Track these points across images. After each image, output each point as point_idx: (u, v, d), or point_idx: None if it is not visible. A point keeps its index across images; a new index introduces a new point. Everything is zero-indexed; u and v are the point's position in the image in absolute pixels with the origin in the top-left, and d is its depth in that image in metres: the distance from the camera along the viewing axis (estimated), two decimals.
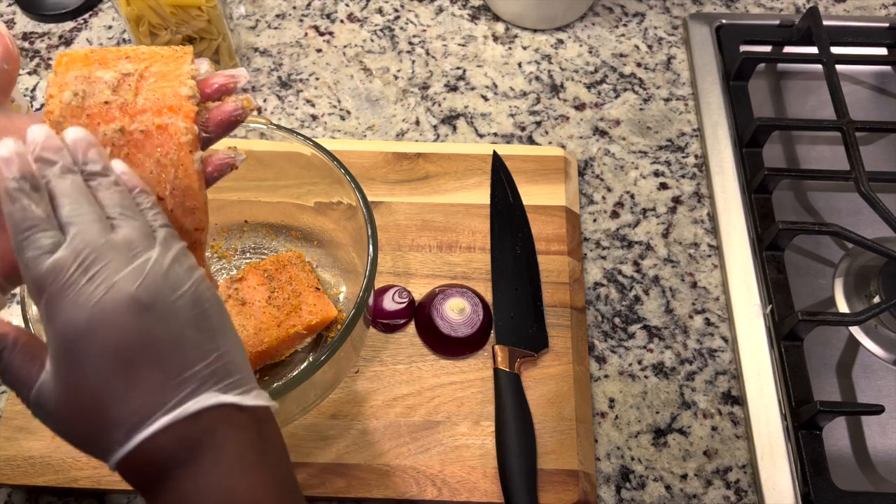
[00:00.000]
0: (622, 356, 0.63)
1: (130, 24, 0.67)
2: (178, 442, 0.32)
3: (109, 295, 0.31)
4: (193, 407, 0.32)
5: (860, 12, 0.85)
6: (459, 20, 0.83)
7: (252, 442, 0.34)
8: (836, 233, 0.63)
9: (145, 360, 0.31)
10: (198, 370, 0.32)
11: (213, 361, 0.33)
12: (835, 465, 0.57)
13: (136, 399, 0.31)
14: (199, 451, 0.32)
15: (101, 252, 0.32)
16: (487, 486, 0.55)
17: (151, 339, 0.32)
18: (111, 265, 0.31)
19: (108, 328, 0.31)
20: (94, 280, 0.31)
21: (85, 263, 0.31)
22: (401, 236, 0.66)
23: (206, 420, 0.32)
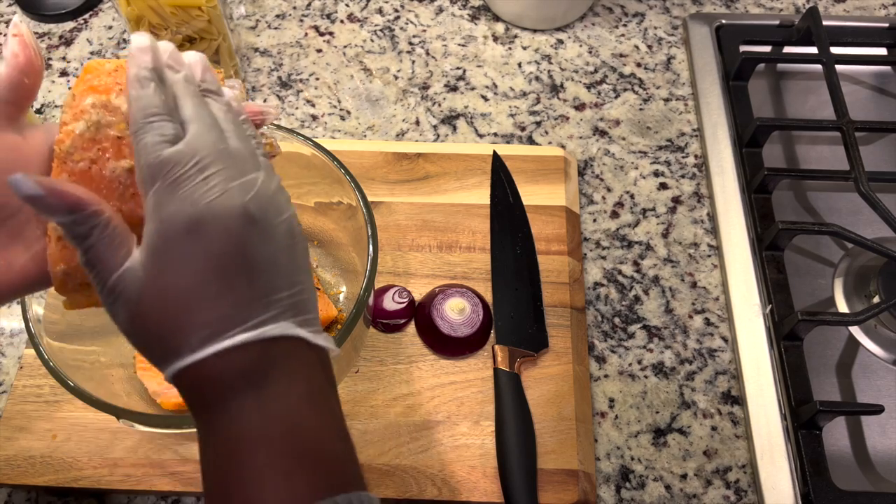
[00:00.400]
0: (622, 356, 0.63)
1: (131, 24, 0.67)
2: (251, 362, 0.31)
3: (222, 199, 0.31)
4: (273, 331, 0.32)
5: (860, 12, 0.85)
6: (459, 20, 0.83)
7: (319, 383, 0.34)
8: (835, 233, 0.63)
9: (241, 272, 0.31)
10: (283, 297, 0.32)
11: (297, 293, 0.33)
12: (835, 465, 0.57)
13: (221, 308, 0.31)
14: (269, 378, 0.32)
15: (217, 157, 0.32)
16: (487, 486, 0.55)
17: (251, 252, 0.32)
18: (225, 172, 0.32)
19: (215, 230, 0.31)
20: (208, 181, 0.31)
21: (202, 163, 0.31)
22: (401, 236, 0.66)
23: (280, 348, 0.32)
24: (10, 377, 0.61)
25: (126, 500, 0.56)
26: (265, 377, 0.31)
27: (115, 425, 0.56)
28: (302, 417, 0.32)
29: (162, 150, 0.31)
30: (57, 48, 0.80)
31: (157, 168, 0.31)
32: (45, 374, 0.58)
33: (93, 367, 0.51)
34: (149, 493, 0.56)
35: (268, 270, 0.32)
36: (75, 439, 0.56)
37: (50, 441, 0.56)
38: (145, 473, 0.55)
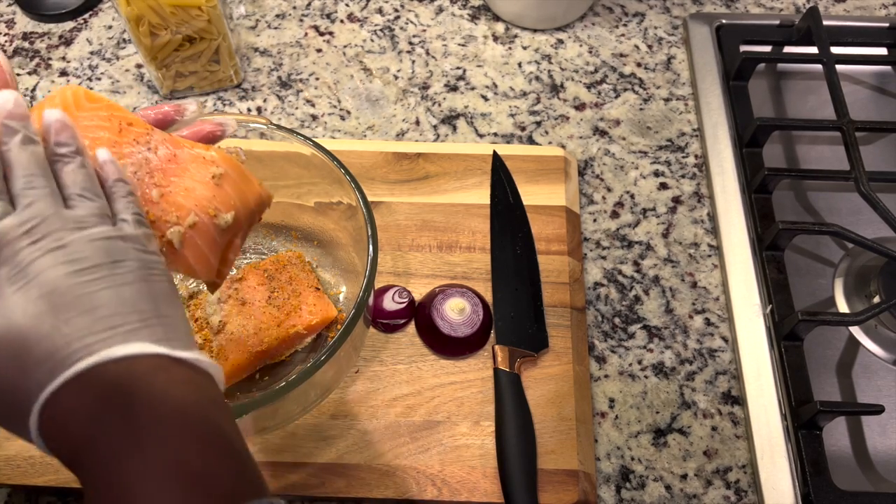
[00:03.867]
0: (622, 356, 0.63)
1: (130, 24, 0.67)
2: (108, 387, 0.30)
3: (48, 255, 0.31)
4: (121, 351, 0.30)
5: (860, 12, 0.85)
6: (459, 20, 0.83)
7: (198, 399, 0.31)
8: (836, 233, 0.63)
9: (74, 308, 0.31)
10: (131, 321, 0.32)
11: (151, 318, 0.32)
12: (835, 465, 0.57)
13: (60, 339, 0.30)
14: (135, 400, 0.30)
15: (48, 221, 0.32)
16: (487, 486, 0.55)
17: (82, 291, 0.31)
18: (57, 231, 0.32)
19: (40, 279, 0.31)
20: (37, 243, 0.32)
21: (32, 230, 0.32)
22: (401, 236, 0.66)
23: (141, 368, 0.31)
24: None
25: None
26: (129, 396, 0.30)
27: None
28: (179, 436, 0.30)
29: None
30: (57, 48, 0.80)
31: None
32: None
33: None
34: None
35: (107, 303, 0.31)
36: None
37: None
38: None
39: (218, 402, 0.33)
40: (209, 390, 0.33)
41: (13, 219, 0.32)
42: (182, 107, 0.44)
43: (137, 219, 0.36)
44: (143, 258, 0.34)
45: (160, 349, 0.31)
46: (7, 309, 0.31)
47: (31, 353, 0.30)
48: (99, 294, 0.31)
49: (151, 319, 0.32)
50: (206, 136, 0.45)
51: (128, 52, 0.80)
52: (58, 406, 0.30)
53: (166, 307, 0.33)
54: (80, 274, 0.31)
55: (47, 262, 0.31)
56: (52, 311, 0.31)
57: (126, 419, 0.29)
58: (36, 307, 0.31)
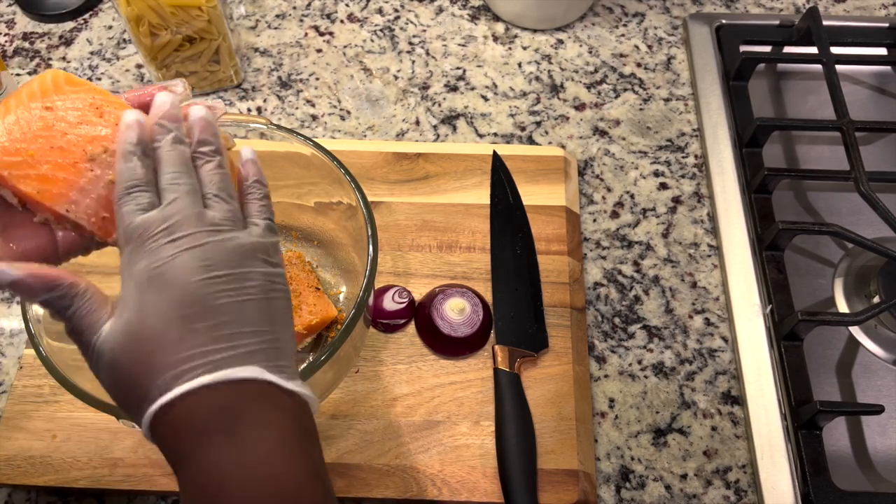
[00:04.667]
0: (622, 356, 0.63)
1: (130, 24, 0.67)
2: (219, 406, 0.32)
3: (185, 254, 0.33)
4: (240, 373, 0.32)
5: (860, 12, 0.85)
6: (459, 20, 0.83)
7: (295, 429, 0.34)
8: (835, 233, 0.63)
9: (202, 318, 0.33)
10: (249, 342, 0.33)
11: (268, 341, 0.34)
12: (835, 465, 0.57)
13: (185, 350, 0.32)
14: (241, 424, 0.32)
15: (187, 221, 0.34)
16: (487, 486, 0.55)
17: (212, 301, 0.33)
18: (194, 233, 0.34)
19: (176, 281, 0.33)
20: (175, 242, 0.33)
21: (172, 227, 0.34)
22: (401, 236, 0.66)
23: (250, 392, 0.33)
24: (10, 377, 0.61)
25: (126, 501, 0.56)
26: (235, 422, 0.32)
27: (115, 425, 0.56)
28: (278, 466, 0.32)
29: (136, 216, 0.34)
30: (57, 48, 0.80)
31: (131, 232, 0.34)
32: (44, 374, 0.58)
33: None
34: (149, 494, 0.56)
35: (232, 317, 0.33)
36: (75, 439, 0.56)
37: (50, 441, 0.56)
38: (145, 473, 0.55)
39: (310, 431, 0.35)
40: (304, 420, 0.35)
41: (158, 213, 0.34)
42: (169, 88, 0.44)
43: (269, 225, 0.37)
44: (269, 272, 0.36)
45: (271, 377, 0.33)
46: (143, 305, 0.33)
47: (158, 355, 0.32)
48: (226, 307, 0.33)
49: (268, 341, 0.34)
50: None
51: (128, 53, 0.80)
52: (172, 412, 0.32)
53: (281, 327, 0.35)
54: (211, 282, 0.33)
55: (185, 262, 0.33)
56: (182, 319, 0.32)
57: (230, 440, 0.32)
58: (169, 311, 0.33)
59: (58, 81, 0.39)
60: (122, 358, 0.33)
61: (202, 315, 0.33)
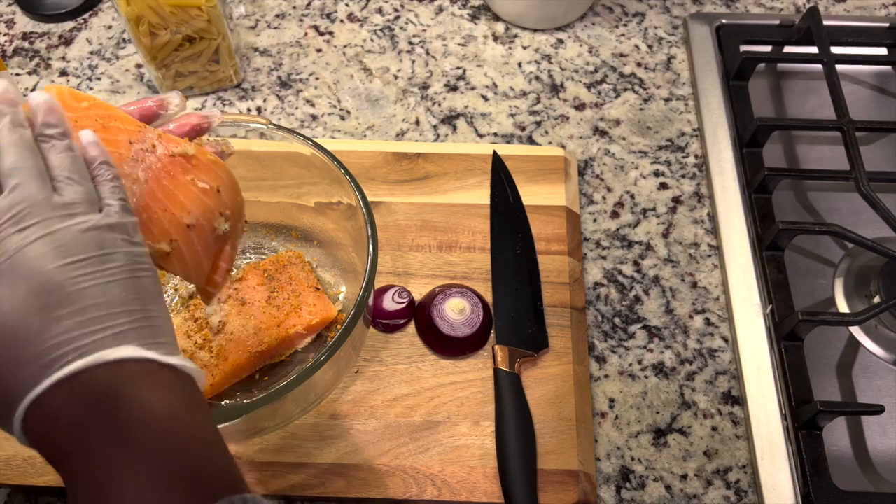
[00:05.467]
0: (622, 356, 0.63)
1: (130, 23, 0.67)
2: (96, 391, 0.30)
3: (36, 243, 0.31)
4: (114, 354, 0.30)
5: (860, 12, 0.84)
6: (459, 20, 0.83)
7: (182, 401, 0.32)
8: (836, 233, 0.63)
9: (64, 304, 0.31)
10: (120, 322, 0.32)
11: (139, 319, 0.32)
12: (835, 466, 0.57)
13: (49, 339, 0.30)
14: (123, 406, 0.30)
15: (36, 207, 0.32)
16: (487, 487, 0.55)
17: (73, 287, 0.31)
18: (44, 220, 0.32)
19: (29, 271, 0.31)
20: (24, 231, 0.31)
21: (19, 215, 0.32)
22: (401, 236, 0.66)
23: (128, 372, 0.31)
24: None
25: None
26: (116, 402, 0.30)
27: None
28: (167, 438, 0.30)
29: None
30: (56, 48, 0.80)
31: None
32: None
33: None
34: None
35: (96, 300, 0.31)
36: None
37: None
38: None
39: (199, 404, 0.33)
40: (190, 392, 0.33)
41: (3, 202, 0.32)
42: (165, 101, 0.43)
43: (123, 205, 0.35)
44: (131, 251, 0.34)
45: (148, 354, 0.32)
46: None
47: (19, 350, 0.30)
48: (89, 290, 0.31)
49: (140, 320, 0.32)
50: (191, 130, 0.44)
51: (128, 52, 0.80)
52: (44, 407, 0.30)
53: (153, 305, 0.34)
54: (69, 267, 0.31)
55: (36, 251, 0.31)
56: (41, 308, 0.30)
57: (112, 425, 0.30)
58: (25, 302, 0.30)
59: (63, 97, 0.39)
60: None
61: (64, 301, 0.31)
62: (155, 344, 0.32)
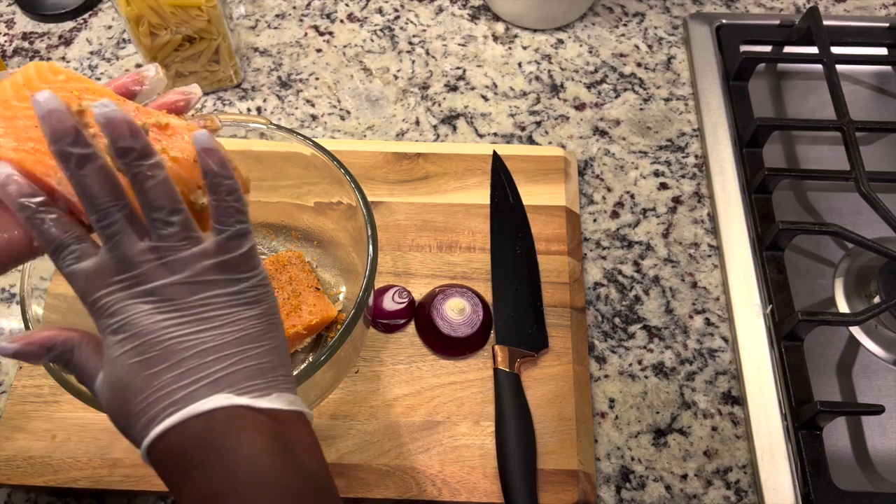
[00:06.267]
0: (622, 356, 0.62)
1: (130, 23, 0.67)
2: (190, 441, 0.32)
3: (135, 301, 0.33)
4: (205, 405, 0.32)
5: (860, 12, 0.84)
6: (459, 20, 0.83)
7: (268, 445, 0.32)
8: (836, 233, 0.63)
9: (162, 360, 0.33)
10: (213, 371, 0.33)
11: (233, 364, 0.33)
12: (835, 466, 0.57)
13: (151, 395, 0.32)
14: (211, 453, 0.32)
15: (132, 263, 0.33)
16: (487, 487, 0.55)
17: (170, 341, 0.33)
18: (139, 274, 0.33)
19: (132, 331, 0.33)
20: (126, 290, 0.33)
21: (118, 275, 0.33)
22: (401, 236, 0.66)
23: (217, 421, 0.32)
24: (10, 377, 0.61)
25: (125, 501, 0.56)
26: (206, 453, 0.32)
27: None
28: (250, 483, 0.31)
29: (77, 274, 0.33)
30: (56, 48, 0.80)
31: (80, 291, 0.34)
32: (44, 374, 0.58)
33: None
34: (148, 494, 0.56)
35: (193, 351, 0.33)
36: (75, 439, 0.56)
37: (49, 441, 0.56)
38: (144, 474, 0.55)
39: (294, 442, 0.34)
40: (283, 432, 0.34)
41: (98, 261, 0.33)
42: (141, 75, 0.40)
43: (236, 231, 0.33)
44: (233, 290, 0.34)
45: (239, 400, 0.33)
46: (112, 358, 0.33)
47: (131, 403, 0.33)
48: (184, 340, 0.33)
49: (234, 364, 0.33)
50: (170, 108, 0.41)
51: (127, 52, 0.80)
52: (154, 453, 0.33)
53: (252, 342, 0.34)
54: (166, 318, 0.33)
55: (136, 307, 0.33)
56: (142, 364, 0.33)
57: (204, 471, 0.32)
58: (129, 358, 0.33)
59: (42, 72, 0.38)
60: (110, 406, 0.34)
61: (161, 357, 0.33)
62: (248, 388, 0.33)
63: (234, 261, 0.34)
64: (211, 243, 0.33)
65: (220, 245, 0.33)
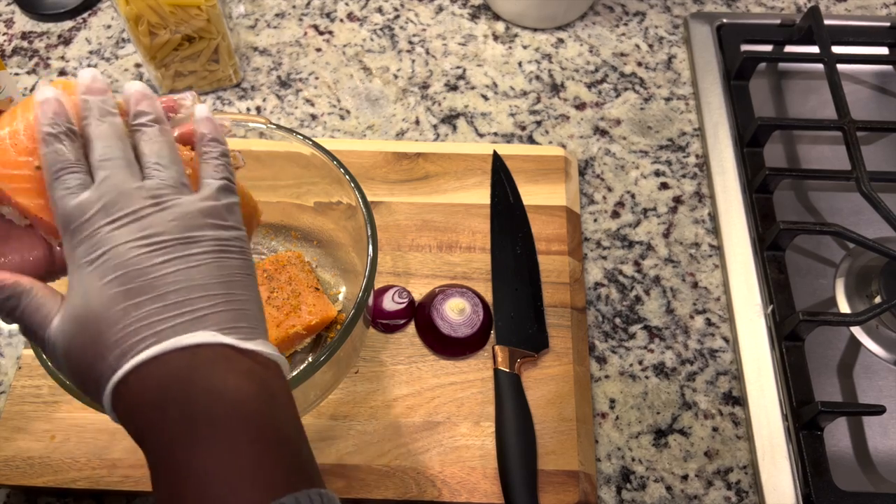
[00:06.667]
0: (623, 356, 0.62)
1: (129, 23, 0.67)
2: (170, 376, 0.31)
3: (123, 231, 0.32)
4: (189, 339, 0.31)
5: (861, 12, 0.84)
6: (459, 19, 0.83)
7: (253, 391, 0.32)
8: (837, 233, 0.63)
9: (145, 291, 0.32)
10: (199, 307, 0.32)
11: (220, 304, 0.33)
12: (836, 466, 0.57)
13: (130, 324, 0.31)
14: (193, 391, 0.31)
15: (124, 197, 0.33)
16: (487, 487, 0.55)
17: (154, 273, 0.32)
18: (134, 209, 0.33)
19: (116, 260, 0.32)
20: (113, 222, 0.33)
21: (106, 205, 0.33)
22: (401, 236, 0.65)
23: (203, 358, 0.31)
24: (9, 378, 0.61)
25: (125, 501, 0.56)
26: (188, 387, 0.31)
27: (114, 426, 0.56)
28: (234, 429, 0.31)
29: (69, 201, 0.33)
30: (56, 47, 0.80)
31: (66, 217, 0.33)
32: (43, 374, 0.58)
33: None
34: (147, 494, 0.56)
35: (179, 286, 0.32)
36: (74, 440, 0.56)
37: (48, 442, 0.56)
38: (144, 474, 0.55)
39: (277, 394, 0.33)
40: (269, 381, 0.33)
41: (91, 192, 0.33)
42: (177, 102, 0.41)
43: (224, 185, 0.36)
44: (220, 235, 0.34)
45: (225, 339, 0.32)
46: (85, 290, 0.32)
47: (105, 335, 0.31)
48: (169, 276, 0.32)
49: (220, 304, 0.33)
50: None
51: (127, 52, 0.80)
52: (126, 389, 0.31)
53: (239, 289, 0.34)
54: (153, 254, 0.32)
55: (122, 237, 0.32)
56: (124, 294, 0.32)
57: (183, 410, 0.30)
58: (110, 289, 0.32)
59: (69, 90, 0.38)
60: (73, 345, 0.32)
61: (145, 288, 0.32)
62: (234, 328, 0.33)
63: (220, 209, 0.35)
64: (199, 194, 0.35)
65: (207, 195, 0.35)
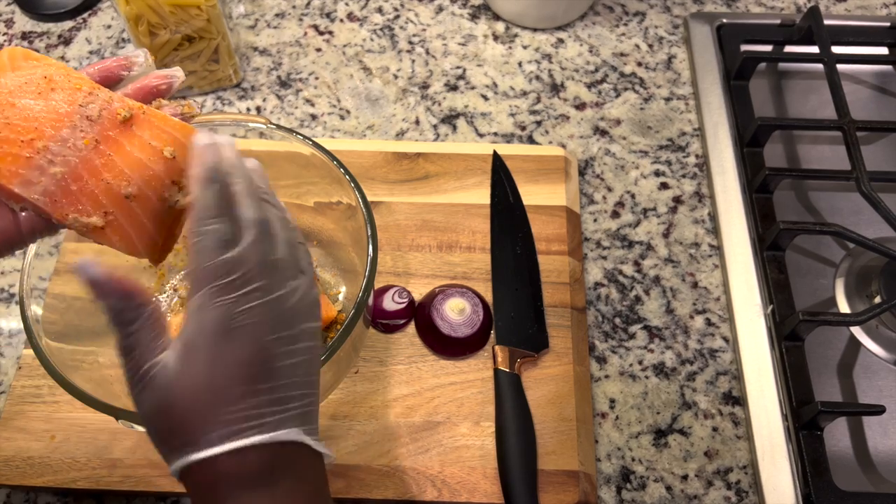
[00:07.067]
0: (623, 356, 0.62)
1: (129, 23, 0.67)
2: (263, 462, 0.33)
3: (256, 310, 0.33)
4: (285, 436, 0.33)
5: (861, 12, 0.84)
6: (459, 19, 0.83)
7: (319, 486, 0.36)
8: (837, 233, 0.63)
9: (264, 379, 0.33)
10: (296, 406, 0.34)
11: (307, 404, 0.35)
12: (836, 466, 0.57)
13: (243, 410, 0.33)
14: (278, 478, 0.33)
15: (263, 270, 0.33)
16: (487, 487, 0.55)
17: (273, 363, 0.33)
18: (267, 286, 0.33)
19: (247, 340, 0.33)
20: (249, 295, 0.33)
21: (248, 276, 0.33)
22: (401, 236, 0.65)
23: (288, 452, 0.34)
24: (9, 377, 0.61)
25: (125, 501, 0.56)
26: (273, 477, 0.33)
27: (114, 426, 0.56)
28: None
29: (217, 255, 0.33)
30: (56, 47, 0.80)
31: (210, 273, 0.33)
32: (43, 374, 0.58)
33: (91, 368, 0.51)
34: (148, 494, 0.56)
35: (287, 380, 0.34)
36: (74, 440, 0.56)
37: (48, 442, 0.56)
38: (144, 474, 0.55)
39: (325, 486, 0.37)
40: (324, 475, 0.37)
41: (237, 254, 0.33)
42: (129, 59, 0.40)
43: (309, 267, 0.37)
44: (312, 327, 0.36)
45: (306, 440, 0.34)
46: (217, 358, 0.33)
47: (219, 409, 0.32)
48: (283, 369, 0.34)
49: (307, 404, 0.35)
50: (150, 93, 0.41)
51: (127, 52, 0.80)
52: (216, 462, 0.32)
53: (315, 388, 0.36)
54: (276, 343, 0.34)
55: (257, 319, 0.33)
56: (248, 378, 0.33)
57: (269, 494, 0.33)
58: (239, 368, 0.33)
59: (14, 57, 0.37)
60: (176, 398, 0.33)
61: (264, 376, 0.33)
62: (310, 430, 0.35)
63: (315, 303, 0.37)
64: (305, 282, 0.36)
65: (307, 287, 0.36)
